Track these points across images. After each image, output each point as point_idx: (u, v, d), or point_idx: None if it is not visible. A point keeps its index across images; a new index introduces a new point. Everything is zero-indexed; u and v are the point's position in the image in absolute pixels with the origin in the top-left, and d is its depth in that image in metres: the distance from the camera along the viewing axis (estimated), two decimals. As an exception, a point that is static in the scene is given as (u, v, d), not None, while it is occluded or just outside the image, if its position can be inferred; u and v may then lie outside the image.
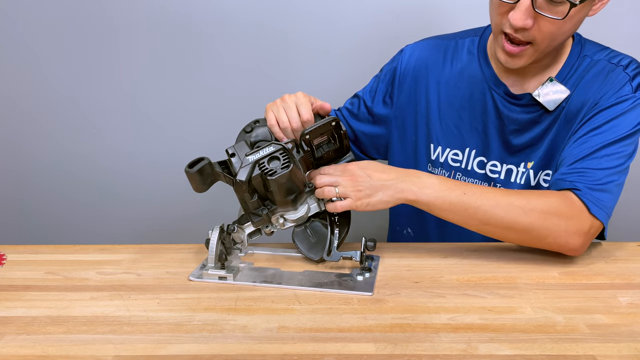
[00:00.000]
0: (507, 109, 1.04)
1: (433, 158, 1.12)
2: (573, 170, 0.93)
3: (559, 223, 0.89)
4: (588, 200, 0.89)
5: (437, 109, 1.11)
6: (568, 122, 1.00)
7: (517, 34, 0.92)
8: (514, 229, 0.90)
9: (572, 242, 0.90)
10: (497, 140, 1.06)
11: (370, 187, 0.92)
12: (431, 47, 1.13)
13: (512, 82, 1.04)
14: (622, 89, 0.96)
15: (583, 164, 0.93)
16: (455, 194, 0.91)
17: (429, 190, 0.91)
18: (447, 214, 0.92)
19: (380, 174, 0.93)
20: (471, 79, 1.08)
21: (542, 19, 0.89)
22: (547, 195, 0.91)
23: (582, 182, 0.91)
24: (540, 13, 0.88)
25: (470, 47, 1.10)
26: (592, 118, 0.96)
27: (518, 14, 0.88)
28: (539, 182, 1.05)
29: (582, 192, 0.90)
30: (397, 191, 0.92)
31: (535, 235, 0.90)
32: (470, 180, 1.09)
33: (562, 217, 0.89)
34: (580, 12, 0.90)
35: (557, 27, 0.90)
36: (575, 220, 0.89)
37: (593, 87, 0.99)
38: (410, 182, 0.92)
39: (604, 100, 0.97)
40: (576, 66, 1.01)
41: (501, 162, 1.07)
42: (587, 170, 0.92)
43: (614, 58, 1.01)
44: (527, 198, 0.90)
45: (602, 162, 0.92)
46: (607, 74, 0.99)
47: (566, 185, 0.92)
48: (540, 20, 0.89)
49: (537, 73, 1.02)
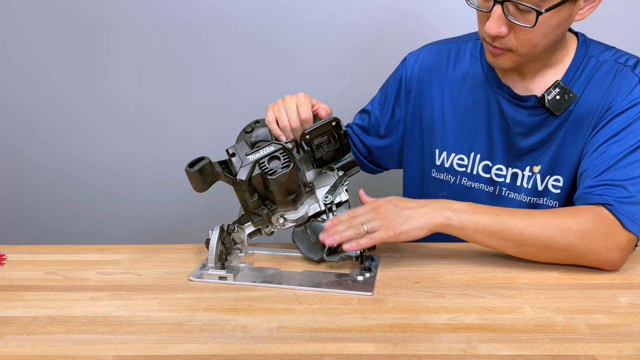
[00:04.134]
0: (511, 111, 1.03)
1: (438, 163, 1.11)
2: (600, 183, 0.91)
3: (596, 241, 0.87)
4: (622, 216, 0.87)
5: (441, 113, 1.10)
6: (577, 126, 0.98)
7: (495, 42, 0.93)
8: (551, 248, 0.88)
9: (611, 258, 0.89)
10: (501, 143, 1.05)
11: (400, 216, 0.89)
12: (434, 53, 1.13)
13: (515, 83, 1.03)
14: (634, 92, 0.95)
15: (609, 176, 0.91)
16: (487, 216, 0.89)
17: (462, 214, 0.89)
18: (482, 237, 0.90)
19: (408, 203, 0.91)
20: (474, 82, 1.07)
21: (516, 27, 0.89)
22: (580, 212, 0.89)
23: (611, 196, 0.89)
24: (513, 21, 0.88)
25: (472, 50, 1.09)
26: (607, 124, 0.95)
27: (491, 22, 0.89)
28: (547, 187, 1.02)
29: (615, 207, 0.88)
30: (430, 217, 0.88)
31: (575, 254, 0.89)
32: (476, 185, 1.07)
33: (599, 236, 0.87)
34: (553, 18, 0.89)
35: (532, 34, 0.90)
36: (612, 237, 0.88)
37: (602, 89, 0.97)
38: (441, 208, 0.89)
39: (616, 104, 0.95)
40: (582, 67, 0.99)
41: (506, 166, 1.05)
42: (615, 182, 0.90)
43: (621, 58, 0.99)
44: (561, 217, 0.88)
45: (627, 172, 0.90)
46: (615, 74, 0.97)
47: (596, 200, 0.89)
48: (515, 27, 0.90)
49: (538, 73, 1.01)
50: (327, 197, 0.96)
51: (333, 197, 0.96)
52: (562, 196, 1.01)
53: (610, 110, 0.95)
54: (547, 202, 1.02)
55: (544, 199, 1.03)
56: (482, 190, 1.07)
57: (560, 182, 1.01)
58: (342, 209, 0.97)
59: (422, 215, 0.89)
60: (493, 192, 1.06)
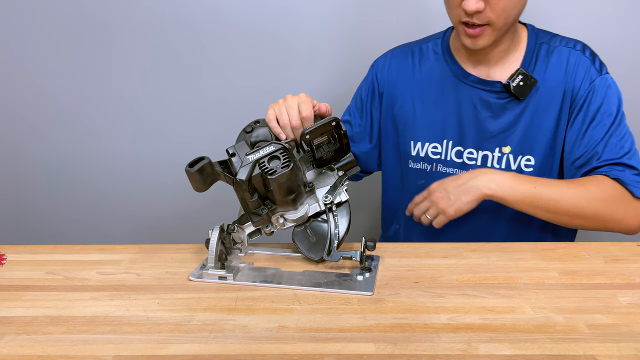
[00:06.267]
0: (479, 96, 1.12)
1: (414, 154, 1.19)
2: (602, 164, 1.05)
3: (618, 209, 1.01)
4: (632, 187, 1.02)
5: (412, 108, 1.19)
6: (542, 108, 1.09)
7: (474, 18, 1.01)
8: (579, 216, 1.01)
9: (632, 224, 1.03)
10: (472, 128, 1.13)
11: (450, 197, 1.03)
12: (399, 56, 1.23)
13: (479, 71, 1.13)
14: (590, 74, 1.08)
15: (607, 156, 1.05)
16: (527, 187, 1.01)
17: (504, 185, 1.01)
18: (520, 206, 1.02)
19: (455, 182, 1.04)
20: (441, 76, 1.16)
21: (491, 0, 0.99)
22: (602, 182, 1.02)
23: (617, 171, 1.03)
24: None
25: (434, 48, 1.19)
26: (582, 110, 1.07)
27: None
28: (520, 167, 1.12)
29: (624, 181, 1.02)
30: (477, 190, 1.02)
31: (600, 220, 1.02)
32: (450, 170, 1.16)
33: (619, 203, 1.02)
34: None
35: (506, 3, 1.00)
36: (631, 205, 1.02)
37: (559, 72, 1.09)
38: (486, 181, 1.02)
39: (581, 90, 1.07)
40: (536, 53, 1.11)
41: (477, 149, 1.14)
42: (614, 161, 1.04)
43: (569, 43, 1.12)
44: (587, 187, 1.02)
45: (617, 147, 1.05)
46: (568, 58, 1.09)
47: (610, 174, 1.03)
48: (490, 1, 1.00)
49: (500, 59, 1.11)
50: (327, 197, 0.96)
51: (333, 197, 0.96)
52: (535, 174, 1.11)
53: (578, 96, 1.08)
54: None
55: None
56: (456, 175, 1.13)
57: (531, 161, 1.11)
58: (342, 209, 0.97)
59: (469, 190, 1.02)
60: None
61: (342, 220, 0.97)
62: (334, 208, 0.96)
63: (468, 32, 1.04)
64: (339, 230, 0.95)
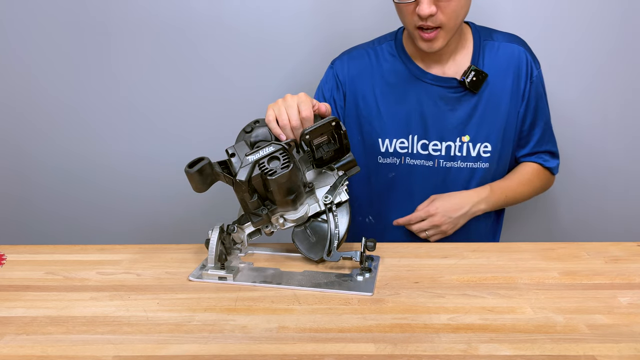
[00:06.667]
0: (437, 93, 1.21)
1: (383, 150, 1.25)
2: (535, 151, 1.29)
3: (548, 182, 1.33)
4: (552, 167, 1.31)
5: (377, 107, 1.24)
6: (494, 100, 1.21)
7: (428, 22, 1.09)
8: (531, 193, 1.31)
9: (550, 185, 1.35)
10: (434, 122, 1.22)
11: (452, 222, 1.19)
12: (356, 57, 1.28)
13: (434, 70, 1.21)
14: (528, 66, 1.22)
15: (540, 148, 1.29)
16: (501, 197, 1.24)
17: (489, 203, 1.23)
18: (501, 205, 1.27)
19: (458, 211, 1.19)
20: (400, 77, 1.23)
21: (441, 4, 1.08)
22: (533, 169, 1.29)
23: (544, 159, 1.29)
24: None
25: (389, 50, 1.25)
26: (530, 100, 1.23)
27: (423, 5, 1.07)
28: (479, 153, 1.23)
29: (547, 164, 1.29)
30: (473, 213, 1.21)
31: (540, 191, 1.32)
32: (417, 162, 1.25)
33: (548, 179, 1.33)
34: None
35: (456, 5, 1.09)
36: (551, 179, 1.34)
37: (503, 65, 1.21)
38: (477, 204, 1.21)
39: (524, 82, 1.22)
40: (482, 49, 1.22)
41: (440, 141, 1.23)
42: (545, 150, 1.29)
43: (505, 37, 1.24)
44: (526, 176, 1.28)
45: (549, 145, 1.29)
46: (511, 53, 1.22)
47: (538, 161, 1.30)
48: (440, 5, 1.08)
49: (450, 57, 1.21)
50: (327, 197, 0.96)
51: (333, 197, 0.96)
52: (493, 159, 1.23)
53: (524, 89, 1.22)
54: (481, 165, 1.23)
55: (478, 163, 1.23)
56: (423, 166, 1.24)
57: (489, 147, 1.22)
58: (342, 209, 0.97)
59: (467, 214, 1.20)
60: (432, 166, 1.24)
61: (342, 220, 0.97)
62: (334, 208, 0.96)
63: (424, 37, 1.12)
64: (339, 230, 0.95)
